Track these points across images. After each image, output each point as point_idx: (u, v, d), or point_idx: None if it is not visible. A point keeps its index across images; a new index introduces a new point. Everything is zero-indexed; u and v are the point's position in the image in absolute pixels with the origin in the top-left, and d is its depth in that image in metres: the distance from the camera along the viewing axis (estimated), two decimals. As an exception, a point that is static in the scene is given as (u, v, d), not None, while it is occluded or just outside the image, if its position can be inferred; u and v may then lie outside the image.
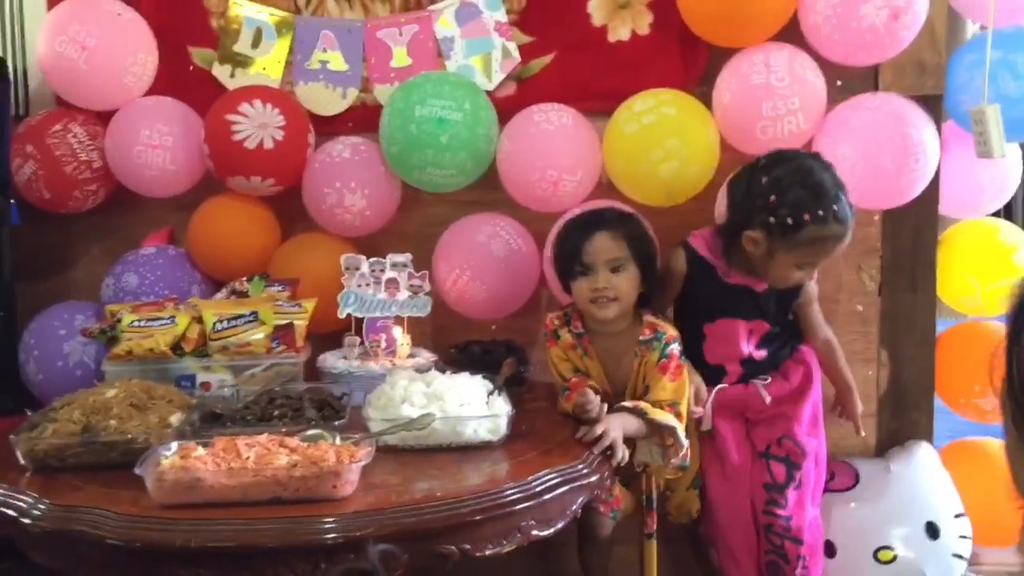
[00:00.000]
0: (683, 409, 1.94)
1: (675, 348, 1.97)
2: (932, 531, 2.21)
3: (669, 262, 2.09)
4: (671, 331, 1.99)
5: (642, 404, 1.90)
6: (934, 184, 2.22)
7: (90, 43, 2.30)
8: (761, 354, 2.10)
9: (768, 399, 2.09)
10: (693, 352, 2.06)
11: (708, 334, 2.08)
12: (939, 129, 2.21)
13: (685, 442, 1.91)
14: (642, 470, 2.01)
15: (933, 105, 2.24)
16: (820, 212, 1.89)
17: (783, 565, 2.09)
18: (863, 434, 2.23)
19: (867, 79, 2.29)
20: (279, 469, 1.46)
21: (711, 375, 2.10)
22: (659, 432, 1.91)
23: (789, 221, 1.90)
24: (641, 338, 1.98)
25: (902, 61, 2.21)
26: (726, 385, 2.11)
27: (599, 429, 1.77)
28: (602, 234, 1.95)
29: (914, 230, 2.33)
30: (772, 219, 1.92)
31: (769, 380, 2.11)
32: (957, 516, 2.24)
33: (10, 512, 1.53)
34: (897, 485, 2.26)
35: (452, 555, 1.48)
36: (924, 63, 2.26)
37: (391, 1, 2.47)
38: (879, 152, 2.09)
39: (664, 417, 1.89)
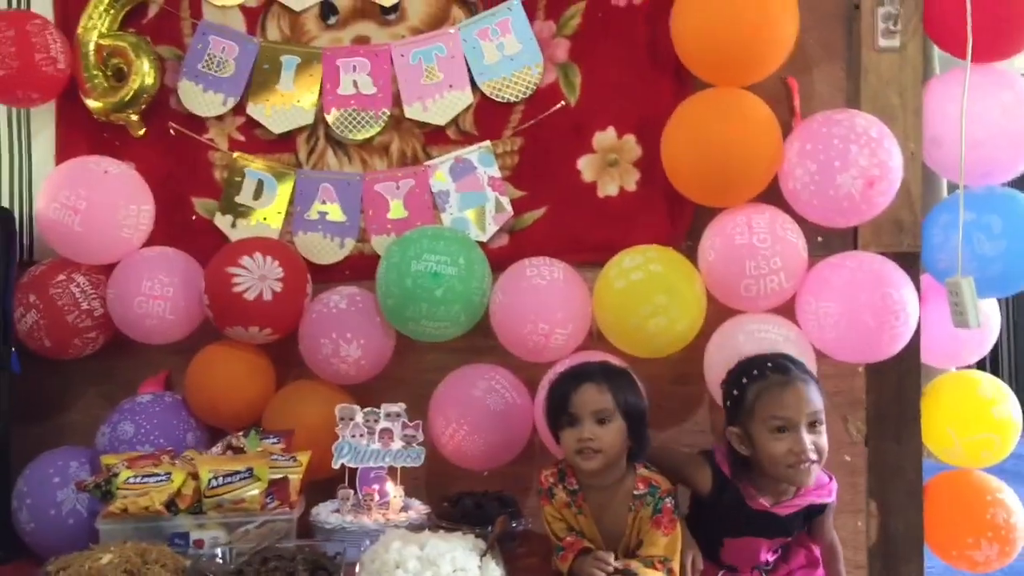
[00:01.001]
0: (675, 566, 1.95)
1: (669, 502, 1.98)
2: None
3: (694, 475, 2.07)
4: (666, 484, 2.01)
5: (633, 565, 1.91)
6: (915, 337, 2.28)
7: (81, 206, 2.38)
8: (775, 557, 2.10)
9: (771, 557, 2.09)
10: (709, 554, 2.06)
11: (727, 545, 2.06)
12: (917, 284, 2.29)
13: None
14: None
15: (911, 261, 2.32)
16: (755, 371, 1.96)
17: None
18: None
19: (846, 236, 2.37)
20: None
21: (720, 567, 2.09)
22: None
23: (735, 392, 1.97)
24: (635, 492, 2.00)
25: (880, 220, 2.30)
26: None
27: None
28: (588, 386, 1.98)
29: (897, 381, 2.39)
30: (728, 402, 2.00)
31: (772, 566, 2.10)
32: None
33: None
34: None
35: None
36: (901, 222, 2.35)
37: (389, 156, 2.57)
38: (860, 310, 2.15)
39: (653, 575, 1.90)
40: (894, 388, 2.39)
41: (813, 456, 1.91)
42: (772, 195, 2.29)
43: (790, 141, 2.24)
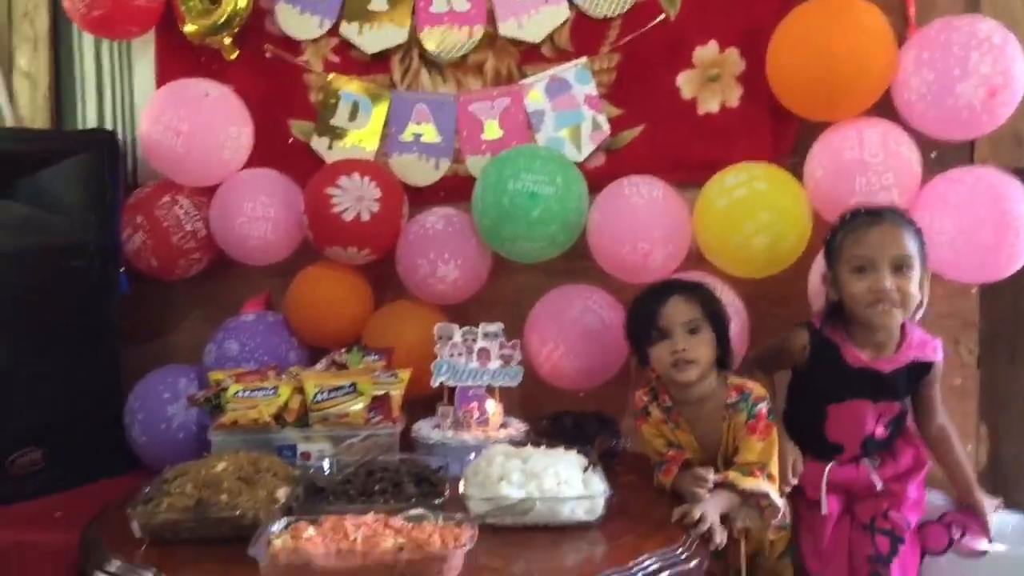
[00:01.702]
0: (774, 470, 1.92)
1: (763, 407, 1.96)
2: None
3: (788, 340, 2.06)
4: (758, 390, 1.98)
5: (731, 475, 1.90)
6: (1033, 254, 2.18)
7: (183, 128, 2.42)
8: (884, 434, 2.04)
9: (880, 486, 2.03)
10: (814, 429, 2.03)
11: (832, 414, 2.02)
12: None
13: (780, 503, 1.91)
14: (744, 536, 2.02)
15: (1031, 177, 2.21)
16: (849, 215, 1.95)
17: None
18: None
19: (962, 151, 2.27)
20: (387, 553, 1.49)
21: (826, 451, 2.05)
22: (754, 497, 1.90)
23: (830, 238, 1.98)
24: (728, 401, 1.98)
25: (999, 134, 2.18)
26: (835, 464, 2.05)
27: (697, 512, 1.77)
28: (676, 298, 1.98)
29: (1012, 303, 2.30)
30: (825, 251, 2.00)
31: (879, 462, 2.05)
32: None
33: (129, 586, 1.59)
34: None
35: (555, 641, 1.49)
36: (1021, 135, 2.24)
37: (483, 75, 2.54)
38: (978, 227, 2.06)
39: (754, 484, 1.88)
40: (1009, 309, 2.30)
41: (895, 296, 1.89)
42: (885, 108, 2.19)
43: (905, 49, 2.13)
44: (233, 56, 2.61)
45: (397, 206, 2.44)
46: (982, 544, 2.04)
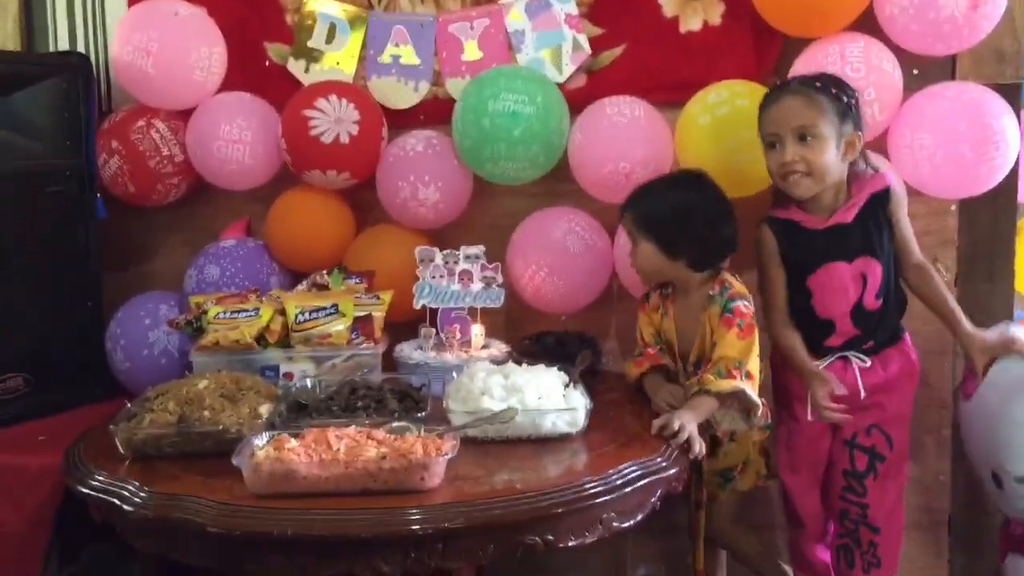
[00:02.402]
0: (752, 368, 1.92)
1: (741, 304, 1.95)
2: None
3: (759, 244, 2.08)
4: (738, 286, 1.99)
5: (706, 378, 1.90)
6: (1012, 173, 2.18)
7: (153, 48, 2.36)
8: (876, 304, 2.02)
9: (864, 394, 2.04)
10: (805, 313, 2.05)
11: (813, 287, 2.03)
12: (1019, 117, 2.18)
13: (758, 401, 1.93)
14: (731, 438, 2.07)
15: (1012, 93, 2.21)
16: (773, 88, 1.99)
17: (853, 548, 2.11)
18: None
19: (944, 68, 2.26)
20: (369, 461, 1.51)
21: (819, 332, 2.05)
22: (732, 398, 1.92)
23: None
24: (710, 293, 2.00)
25: (980, 49, 2.18)
26: (825, 363, 2.06)
27: (675, 423, 1.79)
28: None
29: (992, 220, 2.31)
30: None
31: (869, 363, 2.05)
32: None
33: (113, 500, 1.60)
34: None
35: (536, 546, 1.52)
36: (1003, 51, 2.23)
37: (462, -5, 2.50)
38: (958, 141, 2.07)
39: (730, 385, 1.88)
40: (988, 227, 2.31)
41: (800, 167, 1.93)
42: (868, 24, 2.17)
43: (888, -38, 2.12)
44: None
45: (376, 128, 2.41)
46: None
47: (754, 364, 1.93)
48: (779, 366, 2.15)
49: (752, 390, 1.91)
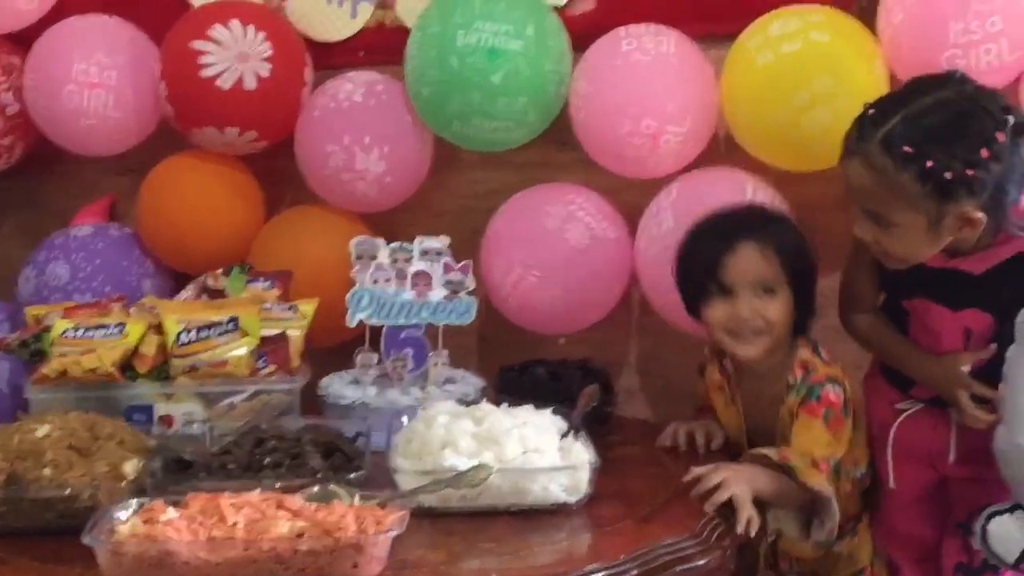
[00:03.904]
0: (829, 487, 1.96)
1: (830, 390, 2.01)
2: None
3: (858, 242, 2.07)
4: (827, 369, 2.04)
5: (792, 458, 1.94)
6: None
7: None
8: (981, 362, 2.01)
9: (952, 454, 2.06)
10: (901, 329, 2.10)
11: (911, 311, 2.07)
12: None
13: (837, 515, 1.95)
14: (773, 540, 2.08)
15: None
16: (854, 138, 1.93)
17: None
18: None
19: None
20: (279, 541, 1.51)
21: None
22: (807, 500, 1.95)
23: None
24: (789, 380, 2.04)
25: None
26: (912, 409, 2.09)
27: (717, 477, 1.81)
28: (748, 245, 2.02)
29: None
30: None
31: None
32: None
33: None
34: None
35: (517, 669, 1.53)
36: None
37: None
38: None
39: (819, 482, 1.92)
40: None
41: (877, 249, 1.95)
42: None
43: None
44: None
45: (297, 68, 2.45)
46: None
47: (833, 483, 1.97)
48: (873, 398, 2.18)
49: (835, 503, 1.93)
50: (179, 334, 2.12)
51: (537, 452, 1.82)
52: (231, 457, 1.87)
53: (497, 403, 2.00)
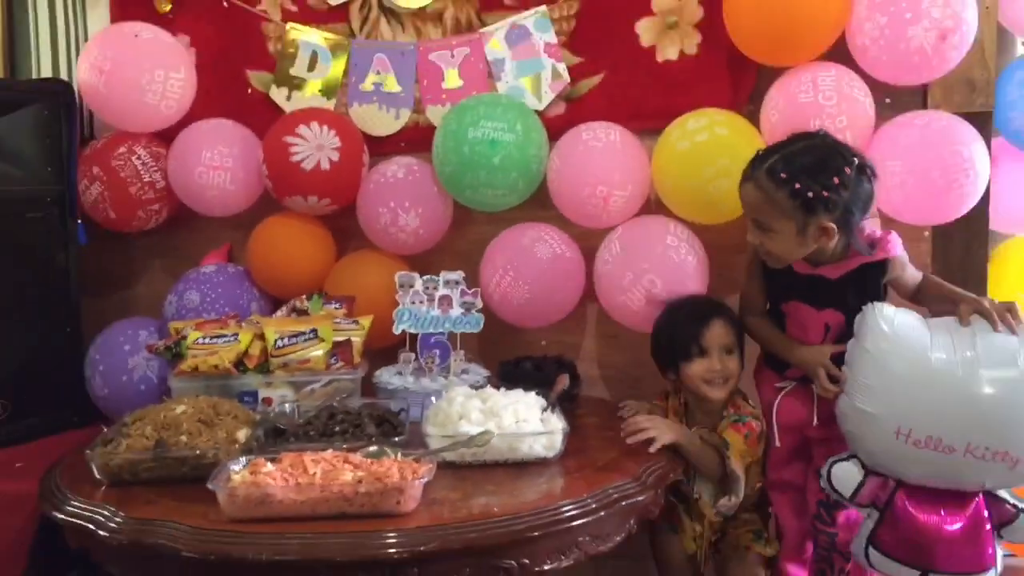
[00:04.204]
0: (737, 467, 2.00)
1: (752, 422, 2.06)
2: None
3: (749, 246, 2.05)
4: (750, 409, 2.10)
5: (730, 440, 2.01)
6: (984, 200, 2.21)
7: (106, 67, 2.37)
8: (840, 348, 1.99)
9: (815, 420, 2.05)
10: (780, 327, 2.09)
11: (785, 311, 2.06)
12: (989, 145, 2.21)
13: (738, 499, 2.01)
14: (697, 497, 2.11)
15: (983, 122, 2.24)
16: (748, 170, 1.95)
17: (827, 571, 2.12)
18: None
19: (916, 96, 2.29)
20: (345, 485, 1.51)
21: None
22: (723, 478, 2.01)
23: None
24: (725, 413, 2.09)
25: (951, 79, 2.22)
26: (788, 387, 2.09)
27: (647, 424, 1.90)
28: (718, 321, 2.09)
29: (964, 246, 2.33)
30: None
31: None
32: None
33: (88, 525, 1.60)
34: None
35: (512, 570, 1.52)
36: (973, 81, 2.27)
37: (443, 24, 2.53)
38: (928, 168, 2.09)
39: (736, 465, 1.98)
40: (961, 253, 2.33)
41: (762, 249, 1.95)
42: (839, 54, 2.21)
43: (859, -7, 2.16)
44: (166, 8, 2.59)
45: (357, 154, 2.43)
46: None
47: (741, 470, 2.00)
48: (761, 383, 2.18)
49: (740, 490, 2.00)
50: (276, 340, 2.12)
51: (525, 422, 1.83)
52: (311, 426, 1.87)
53: (497, 387, 2.01)
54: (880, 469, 1.87)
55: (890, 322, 1.84)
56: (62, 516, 1.65)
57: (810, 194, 1.85)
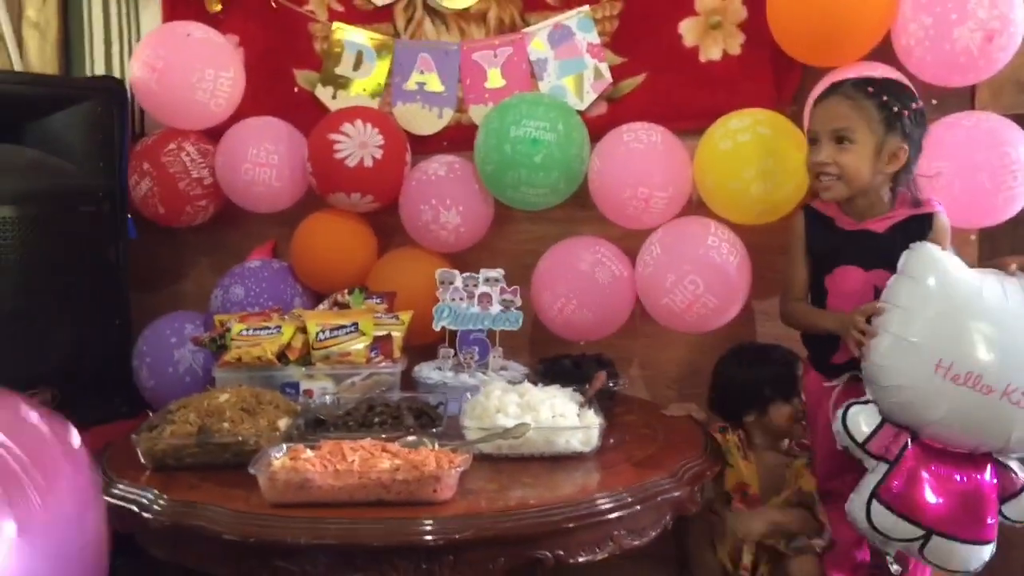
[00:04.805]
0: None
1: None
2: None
3: (790, 228, 2.06)
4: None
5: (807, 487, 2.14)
6: (1032, 202, 2.19)
7: (158, 65, 2.44)
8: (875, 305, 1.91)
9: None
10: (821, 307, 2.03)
11: (829, 288, 1.99)
12: (1038, 148, 2.19)
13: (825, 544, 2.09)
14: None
15: (1032, 123, 2.22)
16: (826, 91, 1.95)
17: None
18: None
19: (963, 98, 2.27)
20: (383, 472, 1.54)
21: (828, 345, 2.00)
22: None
23: None
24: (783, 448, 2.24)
25: (999, 80, 2.19)
26: (839, 384, 2.00)
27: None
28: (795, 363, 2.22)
29: (1011, 250, 2.28)
30: None
31: None
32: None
33: (132, 507, 1.64)
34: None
35: (547, 560, 1.53)
36: (1022, 81, 2.24)
37: (486, 24, 2.56)
38: (976, 170, 2.07)
39: (822, 513, 2.08)
40: (1008, 255, 2.30)
41: (832, 170, 1.90)
42: (885, 54, 2.19)
43: (905, -6, 2.14)
44: (217, 8, 2.64)
45: (400, 153, 2.46)
46: None
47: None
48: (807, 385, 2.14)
49: (828, 527, 2.07)
50: (318, 333, 2.15)
51: (562, 416, 1.84)
52: (351, 417, 1.89)
53: (535, 384, 2.02)
54: (904, 413, 1.78)
55: (941, 257, 1.80)
56: (108, 499, 1.68)
57: (896, 108, 1.87)
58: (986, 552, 1.76)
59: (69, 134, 2.42)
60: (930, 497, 1.76)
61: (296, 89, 2.65)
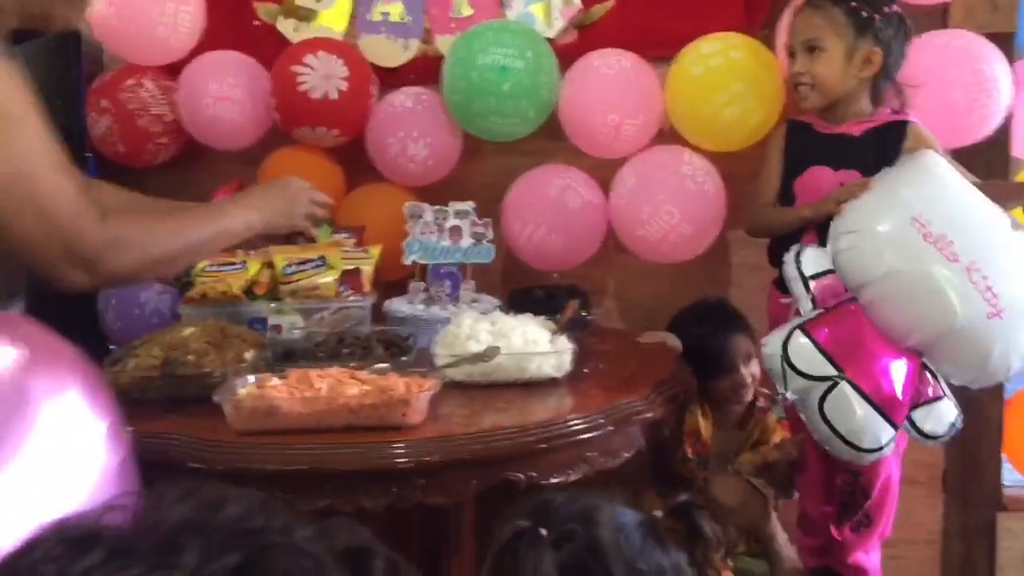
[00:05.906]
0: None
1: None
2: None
3: (769, 139, 2.07)
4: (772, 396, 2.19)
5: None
6: (1005, 124, 2.17)
7: None
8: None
9: None
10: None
11: (798, 193, 2.00)
12: (1011, 67, 2.16)
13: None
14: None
15: (1005, 43, 2.19)
16: (802, 6, 1.97)
17: (849, 504, 2.09)
18: None
19: (936, 17, 2.24)
20: (351, 397, 1.51)
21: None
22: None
23: None
24: (759, 404, 2.22)
25: (973, -1, 2.17)
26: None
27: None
28: (737, 336, 2.20)
29: (985, 170, 2.28)
30: None
31: None
32: None
33: (97, 440, 1.60)
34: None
35: (519, 482, 1.51)
36: (996, 1, 2.21)
37: (452, -49, 2.49)
38: (949, 88, 2.06)
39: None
40: (981, 177, 2.28)
41: (806, 79, 1.93)
42: (859, -27, 2.16)
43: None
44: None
45: (365, 84, 2.41)
46: None
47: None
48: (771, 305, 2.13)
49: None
50: (284, 267, 2.11)
51: (535, 343, 1.81)
52: (320, 349, 1.86)
53: (506, 313, 1.99)
54: (852, 262, 1.75)
55: (942, 160, 1.82)
56: (72, 434, 1.66)
57: (863, 13, 1.89)
58: (884, 435, 1.69)
59: (24, 70, 2.34)
60: (855, 348, 1.71)
61: (256, 23, 2.57)
